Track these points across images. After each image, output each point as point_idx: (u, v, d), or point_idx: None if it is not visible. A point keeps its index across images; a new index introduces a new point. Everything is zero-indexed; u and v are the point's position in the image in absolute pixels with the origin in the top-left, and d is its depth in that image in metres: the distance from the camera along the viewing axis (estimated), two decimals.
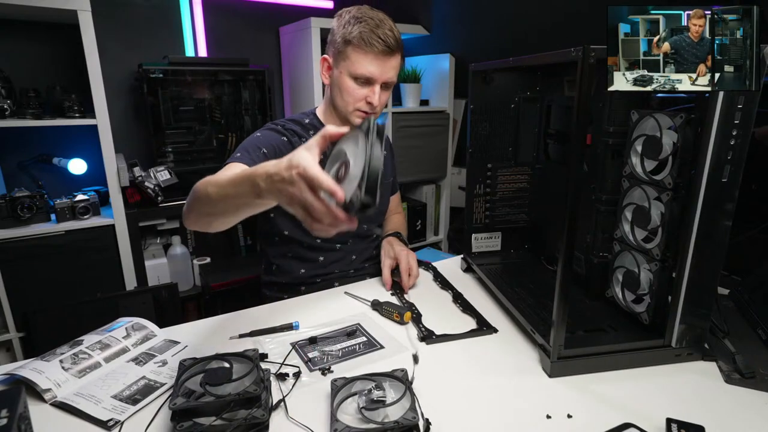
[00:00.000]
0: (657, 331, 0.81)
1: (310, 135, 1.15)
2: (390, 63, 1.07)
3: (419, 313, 0.97)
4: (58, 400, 0.71)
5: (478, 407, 0.71)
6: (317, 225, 0.61)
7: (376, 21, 1.05)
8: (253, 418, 0.63)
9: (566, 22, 1.82)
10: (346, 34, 1.05)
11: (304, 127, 1.17)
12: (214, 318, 0.99)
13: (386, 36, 1.04)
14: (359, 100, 1.08)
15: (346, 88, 1.08)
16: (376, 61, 1.05)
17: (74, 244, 1.69)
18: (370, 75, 1.06)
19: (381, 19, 1.06)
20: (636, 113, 0.83)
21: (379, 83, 1.07)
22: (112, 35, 1.96)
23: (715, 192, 0.71)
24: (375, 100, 1.07)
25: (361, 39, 1.03)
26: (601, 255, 0.95)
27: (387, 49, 1.05)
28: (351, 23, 1.05)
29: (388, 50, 1.05)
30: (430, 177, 2.52)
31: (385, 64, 1.06)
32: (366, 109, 1.09)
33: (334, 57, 1.09)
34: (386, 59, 1.06)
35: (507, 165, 1.18)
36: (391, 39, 1.05)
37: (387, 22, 1.06)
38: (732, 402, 0.72)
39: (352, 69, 1.06)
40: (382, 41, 1.03)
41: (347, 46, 1.05)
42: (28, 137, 1.87)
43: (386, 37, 1.04)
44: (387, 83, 1.09)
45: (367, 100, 1.08)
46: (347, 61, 1.06)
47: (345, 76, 1.07)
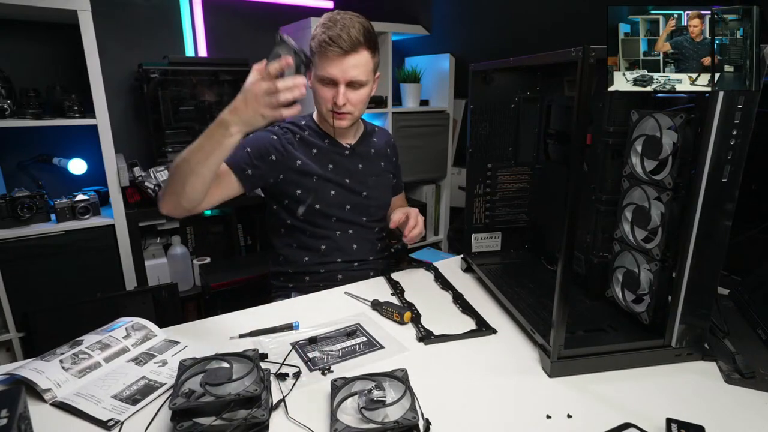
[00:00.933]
0: (657, 331, 0.81)
1: (305, 134, 1.22)
2: (348, 62, 1.10)
3: (419, 313, 0.97)
4: (58, 400, 0.71)
5: (478, 407, 0.71)
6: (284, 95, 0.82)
7: (334, 24, 1.09)
8: (253, 418, 0.63)
9: (566, 22, 1.82)
10: (312, 43, 1.12)
11: (300, 127, 1.23)
12: (214, 318, 0.99)
13: (339, 38, 1.07)
14: (328, 101, 1.14)
15: (316, 91, 1.16)
16: (334, 62, 1.09)
17: (74, 244, 1.69)
18: (331, 77, 1.11)
19: (339, 20, 1.09)
20: (636, 113, 0.83)
21: (342, 83, 1.12)
22: (112, 35, 1.96)
23: (715, 192, 0.71)
24: (339, 99, 1.12)
25: (320, 44, 1.09)
26: (601, 255, 0.95)
27: (341, 50, 1.08)
28: (318, 30, 1.11)
29: (342, 51, 1.08)
30: (430, 177, 2.52)
31: (343, 63, 1.09)
32: (335, 109, 1.14)
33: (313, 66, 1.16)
34: (343, 59, 1.09)
35: (507, 165, 1.18)
36: (345, 41, 1.07)
37: (344, 21, 1.09)
38: (732, 402, 0.72)
39: (318, 73, 1.13)
40: (335, 44, 1.07)
41: (314, 55, 1.12)
42: (28, 137, 1.87)
43: (339, 39, 1.07)
44: (352, 82, 1.12)
45: (334, 99, 1.13)
46: (315, 67, 1.13)
47: (315, 81, 1.15)
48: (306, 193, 1.18)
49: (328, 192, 1.20)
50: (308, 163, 1.18)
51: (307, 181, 1.18)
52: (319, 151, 1.21)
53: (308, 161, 1.19)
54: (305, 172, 1.18)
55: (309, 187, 1.18)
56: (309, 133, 1.22)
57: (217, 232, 2.14)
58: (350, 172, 1.24)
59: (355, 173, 1.24)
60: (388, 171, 1.35)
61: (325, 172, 1.20)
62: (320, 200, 1.19)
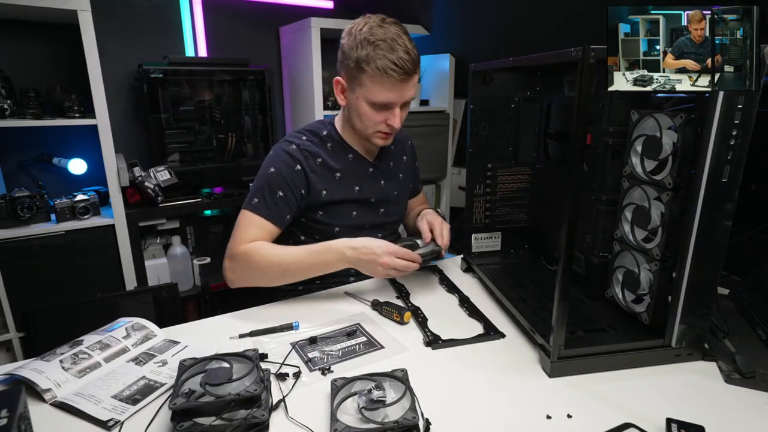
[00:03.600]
0: (657, 331, 0.81)
1: (327, 148, 1.13)
2: (408, 84, 1.02)
3: (425, 317, 0.96)
4: (58, 400, 0.71)
5: (477, 407, 0.71)
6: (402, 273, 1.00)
7: (390, 43, 0.97)
8: (253, 418, 0.63)
9: (566, 22, 1.82)
10: (360, 60, 0.98)
11: (322, 139, 1.13)
12: (214, 318, 0.99)
13: (402, 61, 0.97)
14: (379, 124, 1.06)
15: (364, 113, 1.04)
16: (394, 88, 1.00)
17: (74, 244, 1.69)
18: (389, 101, 1.02)
19: (393, 39, 0.98)
20: (636, 113, 0.83)
21: (398, 105, 1.04)
22: (112, 35, 1.96)
23: (715, 192, 0.71)
24: (396, 122, 1.05)
25: (377, 68, 0.97)
26: (601, 255, 0.95)
27: (406, 76, 0.99)
28: (363, 46, 0.98)
29: (407, 76, 1.00)
30: (430, 177, 2.52)
31: (403, 87, 1.01)
32: (387, 130, 1.07)
33: (348, 80, 1.04)
34: (405, 83, 1.01)
35: (507, 165, 1.18)
36: (408, 63, 0.98)
37: (401, 40, 0.99)
38: (732, 402, 0.72)
39: (370, 96, 1.01)
40: (400, 68, 0.97)
41: (362, 74, 0.99)
42: (28, 137, 1.87)
43: (403, 62, 0.97)
44: (407, 102, 1.06)
45: (387, 122, 1.05)
46: (363, 88, 1.01)
47: (362, 102, 1.03)
48: (327, 219, 1.13)
49: (350, 214, 1.15)
50: (333, 190, 1.12)
51: (331, 209, 1.13)
52: (342, 174, 1.13)
53: (333, 188, 1.12)
54: (330, 201, 1.12)
55: (332, 213, 1.13)
56: (332, 146, 1.13)
57: (217, 232, 2.14)
58: (374, 191, 1.18)
59: (378, 191, 1.19)
60: (407, 183, 1.30)
61: (351, 195, 1.14)
62: (341, 224, 1.15)
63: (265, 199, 1.06)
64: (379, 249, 0.98)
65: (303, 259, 1.01)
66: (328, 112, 2.14)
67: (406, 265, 0.99)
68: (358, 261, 0.99)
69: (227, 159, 2.12)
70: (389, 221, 1.24)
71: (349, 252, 0.99)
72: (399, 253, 0.99)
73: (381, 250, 0.97)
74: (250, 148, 2.18)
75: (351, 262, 1.00)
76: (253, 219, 1.05)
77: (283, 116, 2.48)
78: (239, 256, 1.03)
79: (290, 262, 1.01)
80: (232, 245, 1.05)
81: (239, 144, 2.13)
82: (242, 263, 1.03)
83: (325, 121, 1.19)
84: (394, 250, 0.99)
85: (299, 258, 1.01)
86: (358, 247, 0.99)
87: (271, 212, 1.06)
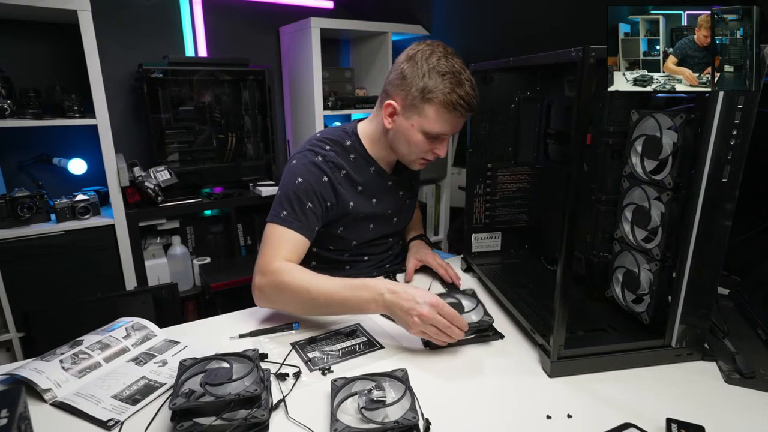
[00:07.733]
0: (657, 331, 0.81)
1: (350, 159, 1.09)
2: (465, 119, 1.02)
3: None
4: (58, 400, 0.71)
5: (478, 407, 0.71)
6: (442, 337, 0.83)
7: (458, 77, 0.96)
8: (253, 418, 0.63)
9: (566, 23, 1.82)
10: (426, 90, 0.96)
11: (345, 149, 1.10)
12: (214, 318, 0.99)
13: (469, 97, 0.97)
14: (426, 152, 1.05)
15: (415, 142, 1.02)
16: (456, 122, 1.00)
17: (74, 244, 1.69)
18: (444, 133, 1.01)
19: (460, 72, 0.97)
20: (636, 113, 0.83)
21: (449, 137, 1.04)
22: (112, 35, 1.96)
23: (715, 192, 0.71)
24: (443, 153, 1.05)
25: (446, 102, 0.96)
26: (601, 255, 0.95)
27: (470, 112, 0.99)
28: (430, 75, 0.96)
29: (471, 112, 1.00)
30: (430, 177, 2.52)
31: (462, 122, 1.01)
32: (431, 158, 1.07)
33: (405, 107, 1.00)
34: (465, 118, 1.01)
35: (507, 165, 1.18)
36: (474, 99, 0.98)
37: (465, 74, 0.98)
38: (732, 402, 0.72)
39: (428, 126, 0.99)
40: (467, 104, 0.97)
41: (426, 103, 0.97)
42: (28, 137, 1.87)
43: (470, 98, 0.97)
44: None
45: (435, 152, 1.04)
46: (423, 117, 0.99)
47: (416, 130, 1.01)
48: (347, 233, 1.12)
49: (366, 227, 1.14)
50: (357, 203, 1.10)
51: (351, 222, 1.11)
52: (364, 186, 1.10)
53: (356, 201, 1.10)
54: (353, 213, 1.10)
55: (352, 227, 1.12)
56: (354, 157, 1.10)
57: (217, 232, 2.14)
58: (391, 203, 1.17)
59: (396, 202, 1.18)
60: (416, 188, 1.30)
61: (369, 209, 1.12)
62: (357, 237, 1.14)
63: (295, 211, 1.00)
64: (421, 298, 0.83)
65: (337, 291, 0.89)
66: (328, 113, 2.14)
67: (448, 326, 0.82)
68: (395, 305, 0.85)
69: (227, 159, 2.12)
70: (400, 228, 1.25)
71: (387, 295, 0.86)
72: (445, 310, 0.82)
73: (423, 300, 0.83)
74: (250, 148, 2.18)
75: (387, 306, 0.86)
76: (283, 233, 0.98)
77: (283, 116, 2.48)
78: (272, 273, 0.93)
79: (322, 289, 0.90)
80: (264, 262, 0.95)
81: (239, 144, 2.13)
82: (274, 281, 0.93)
83: (347, 129, 1.13)
84: (441, 304, 0.83)
85: (333, 288, 0.90)
86: (398, 291, 0.85)
87: (301, 225, 0.99)
